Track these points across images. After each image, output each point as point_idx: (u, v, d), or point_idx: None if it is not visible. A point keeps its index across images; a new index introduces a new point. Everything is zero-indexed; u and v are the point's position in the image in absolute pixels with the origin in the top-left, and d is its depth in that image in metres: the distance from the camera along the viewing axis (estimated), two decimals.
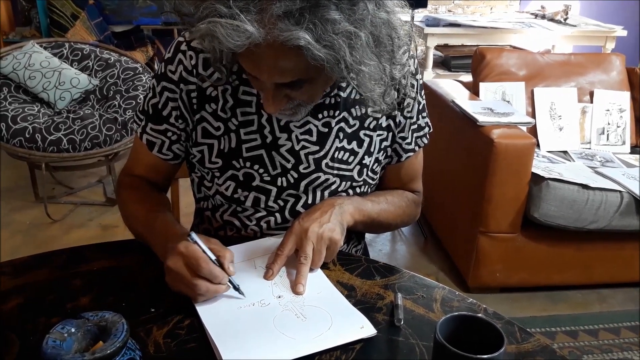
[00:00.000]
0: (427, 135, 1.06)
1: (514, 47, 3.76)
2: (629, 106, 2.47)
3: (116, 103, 2.64)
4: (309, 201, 0.97)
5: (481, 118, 2.02)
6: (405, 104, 0.99)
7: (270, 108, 0.80)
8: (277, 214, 0.98)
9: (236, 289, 0.80)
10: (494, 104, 2.24)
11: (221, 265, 0.79)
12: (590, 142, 2.46)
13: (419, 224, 2.62)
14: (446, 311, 0.80)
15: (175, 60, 0.92)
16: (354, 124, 0.97)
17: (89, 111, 2.61)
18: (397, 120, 1.00)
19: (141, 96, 2.71)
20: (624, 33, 3.76)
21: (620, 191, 1.96)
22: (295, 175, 0.95)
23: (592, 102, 2.46)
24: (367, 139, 0.98)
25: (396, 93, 0.89)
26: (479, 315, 0.64)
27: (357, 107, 0.96)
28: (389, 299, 0.82)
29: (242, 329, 0.74)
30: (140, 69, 2.86)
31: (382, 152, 1.01)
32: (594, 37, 3.75)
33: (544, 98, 2.44)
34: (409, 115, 1.01)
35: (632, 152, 2.46)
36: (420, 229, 2.61)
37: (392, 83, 0.80)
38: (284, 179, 0.95)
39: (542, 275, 2.14)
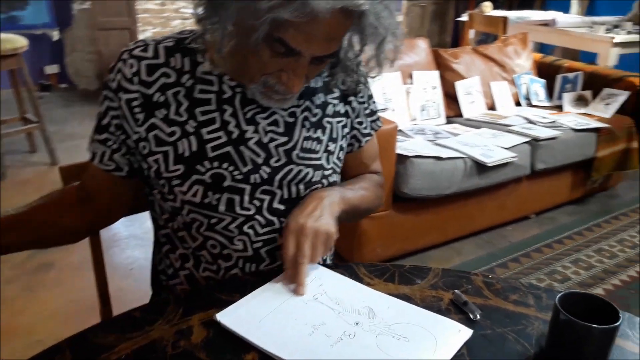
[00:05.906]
0: (380, 119, 1.12)
1: None
2: (439, 83, 2.88)
3: None
4: (285, 196, 0.95)
5: None
6: (358, 89, 1.03)
7: (299, 86, 0.81)
8: (258, 216, 0.93)
9: None
10: None
11: None
12: (415, 119, 2.80)
13: None
14: (497, 294, 0.87)
15: (115, 69, 0.90)
16: (317, 113, 0.98)
17: None
18: (353, 106, 1.04)
19: None
20: (400, 18, 4.31)
21: (462, 157, 2.30)
22: (268, 170, 0.92)
23: (412, 82, 2.78)
24: (328, 126, 1.00)
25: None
26: (588, 292, 0.72)
27: (318, 95, 0.98)
28: (447, 298, 0.85)
29: None
30: None
31: (344, 138, 1.04)
32: None
33: (376, 84, 2.66)
34: (362, 100, 1.05)
35: (447, 123, 2.88)
36: None
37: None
38: (256, 175, 0.92)
39: (411, 242, 2.39)
